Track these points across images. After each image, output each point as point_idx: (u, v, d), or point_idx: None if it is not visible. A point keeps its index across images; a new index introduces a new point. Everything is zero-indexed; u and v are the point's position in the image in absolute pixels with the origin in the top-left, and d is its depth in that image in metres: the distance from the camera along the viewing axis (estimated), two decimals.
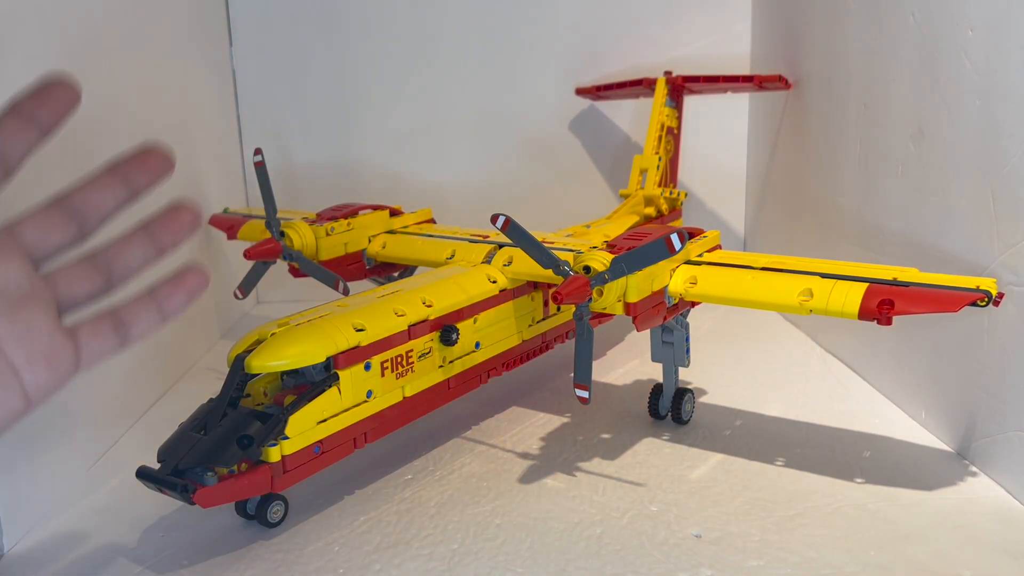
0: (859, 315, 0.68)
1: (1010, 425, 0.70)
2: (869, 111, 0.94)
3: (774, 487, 0.74)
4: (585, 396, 0.72)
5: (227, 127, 1.33)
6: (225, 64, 1.34)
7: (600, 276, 0.70)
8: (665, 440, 0.84)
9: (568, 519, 0.70)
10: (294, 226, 0.96)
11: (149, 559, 0.66)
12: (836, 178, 1.03)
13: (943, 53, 0.78)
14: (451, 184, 1.39)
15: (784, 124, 1.22)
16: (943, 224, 0.79)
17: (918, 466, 0.77)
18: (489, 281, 0.84)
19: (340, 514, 0.72)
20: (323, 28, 1.35)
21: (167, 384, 1.04)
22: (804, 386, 0.97)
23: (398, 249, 0.98)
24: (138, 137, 0.46)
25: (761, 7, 1.30)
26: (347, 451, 0.71)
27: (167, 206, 0.42)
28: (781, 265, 0.76)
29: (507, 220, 0.70)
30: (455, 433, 0.88)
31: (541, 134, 1.39)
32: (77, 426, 0.80)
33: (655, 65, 1.32)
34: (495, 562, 0.64)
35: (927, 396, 0.84)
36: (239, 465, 0.64)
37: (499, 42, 1.35)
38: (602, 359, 1.08)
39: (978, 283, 0.66)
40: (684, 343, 0.85)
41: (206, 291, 0.43)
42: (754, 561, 0.63)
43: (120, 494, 0.76)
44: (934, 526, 0.67)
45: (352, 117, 1.38)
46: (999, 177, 0.70)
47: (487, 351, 0.83)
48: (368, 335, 0.71)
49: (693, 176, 1.39)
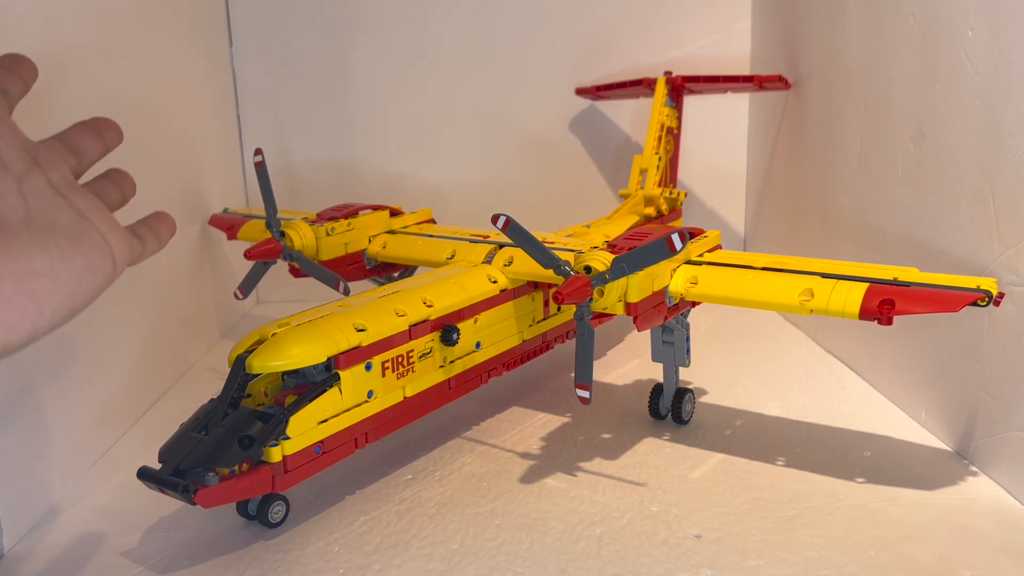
0: (860, 315, 0.68)
1: (1010, 425, 0.70)
2: (869, 111, 0.94)
3: (774, 487, 0.74)
4: (586, 396, 0.72)
5: (227, 127, 1.34)
6: (225, 64, 1.34)
7: (601, 276, 0.70)
8: (665, 440, 0.84)
9: (568, 519, 0.70)
10: (294, 226, 0.96)
11: (149, 559, 0.66)
12: (836, 178, 1.03)
13: (943, 53, 0.78)
14: (451, 184, 1.39)
15: (784, 124, 1.22)
16: (943, 224, 0.79)
17: (918, 466, 0.77)
18: (490, 281, 0.84)
19: (340, 514, 0.72)
20: (323, 28, 1.35)
21: (167, 384, 1.04)
22: (804, 386, 0.98)
23: (398, 249, 0.98)
24: (138, 136, 0.47)
25: (761, 7, 1.30)
26: (348, 451, 0.71)
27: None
28: (781, 265, 0.76)
29: (507, 220, 0.70)
30: (455, 433, 0.88)
31: (541, 134, 1.39)
32: (77, 426, 0.80)
33: (655, 65, 1.32)
34: (495, 562, 0.64)
35: (927, 396, 0.84)
36: (240, 465, 0.64)
37: (499, 42, 1.35)
38: (603, 359, 1.09)
39: (978, 283, 0.66)
40: (684, 343, 0.85)
41: (206, 292, 0.50)
42: (754, 561, 0.63)
43: (120, 494, 0.77)
44: (934, 526, 0.67)
45: (352, 117, 1.38)
46: (999, 177, 0.70)
47: (488, 351, 0.83)
48: (369, 335, 0.71)
49: (693, 176, 1.39)
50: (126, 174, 0.53)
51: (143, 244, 0.50)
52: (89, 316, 0.82)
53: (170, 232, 0.53)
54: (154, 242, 0.52)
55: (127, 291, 0.93)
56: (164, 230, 0.53)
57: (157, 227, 0.52)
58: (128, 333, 0.93)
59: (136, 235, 0.50)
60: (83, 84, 0.82)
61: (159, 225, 0.53)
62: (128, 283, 0.93)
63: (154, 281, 1.01)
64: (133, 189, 0.53)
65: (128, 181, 0.53)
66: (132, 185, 0.53)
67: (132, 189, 0.53)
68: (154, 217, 0.53)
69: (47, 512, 0.73)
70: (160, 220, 0.53)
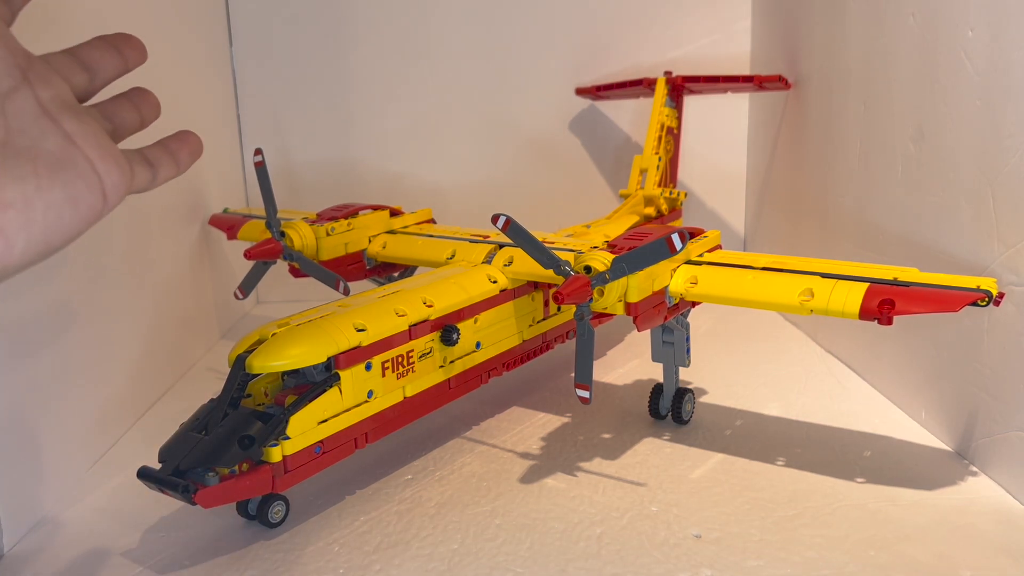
0: (860, 315, 0.68)
1: (1010, 425, 0.70)
2: (869, 111, 0.94)
3: (774, 487, 0.74)
4: (586, 396, 0.72)
5: (227, 127, 1.34)
6: (225, 64, 1.34)
7: (601, 276, 0.70)
8: (665, 440, 0.84)
9: (568, 519, 0.70)
10: (294, 226, 0.96)
11: (149, 559, 0.66)
12: (836, 178, 1.03)
13: (943, 53, 0.78)
14: (451, 184, 1.39)
15: (784, 124, 1.22)
16: (943, 224, 0.79)
17: (918, 466, 0.77)
18: (490, 281, 0.84)
19: (340, 514, 0.72)
20: (323, 28, 1.35)
21: (167, 384, 1.04)
22: (804, 386, 0.98)
23: (398, 249, 0.98)
24: (138, 136, 0.47)
25: (761, 7, 1.30)
26: (348, 451, 0.71)
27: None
28: (781, 265, 0.76)
29: (508, 220, 0.70)
30: (455, 433, 0.88)
31: (541, 134, 1.39)
32: (77, 426, 0.80)
33: (655, 65, 1.32)
34: (495, 562, 0.64)
35: (927, 396, 0.84)
36: (240, 465, 0.64)
37: (499, 42, 1.35)
38: (602, 359, 1.09)
39: (978, 283, 0.66)
40: (684, 343, 0.85)
41: (206, 292, 0.47)
42: (754, 561, 0.63)
43: (120, 494, 0.77)
44: (934, 526, 0.67)
45: (352, 117, 1.38)
46: (999, 177, 0.70)
47: (488, 351, 0.83)
48: (369, 335, 0.71)
49: (693, 176, 1.39)
50: (149, 93, 0.47)
51: (154, 169, 0.44)
52: (90, 316, 0.83)
53: (192, 155, 0.47)
54: (170, 166, 0.45)
55: (127, 291, 0.93)
56: (184, 152, 0.47)
57: (176, 148, 0.46)
58: (128, 333, 0.93)
59: (147, 160, 0.44)
60: None
61: (178, 146, 0.46)
62: (129, 283, 0.93)
63: (154, 281, 1.01)
64: (156, 111, 0.47)
65: (150, 101, 0.47)
66: (155, 106, 0.47)
67: (154, 111, 0.47)
68: (174, 137, 0.47)
69: (47, 512, 0.73)
70: (181, 140, 0.47)
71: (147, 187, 0.44)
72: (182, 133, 0.47)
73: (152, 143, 0.45)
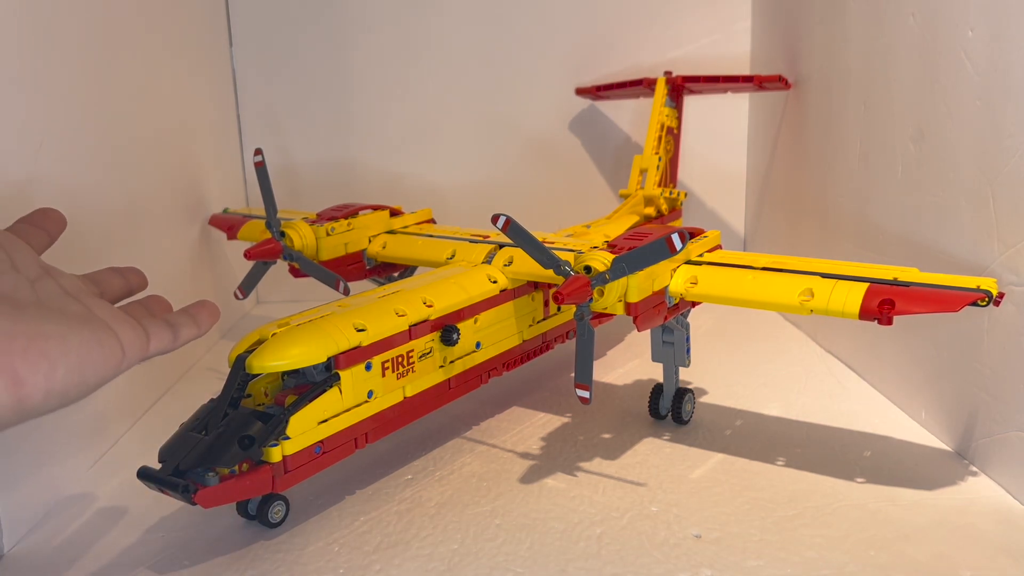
0: (860, 315, 0.68)
1: (1010, 425, 0.70)
2: (869, 111, 0.94)
3: (774, 487, 0.74)
4: (586, 396, 0.72)
5: (227, 127, 1.34)
6: (225, 64, 1.34)
7: (601, 276, 0.70)
8: (665, 440, 0.84)
9: (568, 519, 0.70)
10: (294, 226, 0.96)
11: (149, 559, 0.66)
12: (836, 178, 1.03)
13: (943, 53, 0.78)
14: (451, 184, 1.39)
15: (784, 124, 1.22)
16: (943, 224, 0.79)
17: (918, 466, 0.77)
18: (490, 281, 0.84)
19: (340, 514, 0.72)
20: (323, 28, 1.35)
21: (167, 384, 1.04)
22: (804, 386, 0.98)
23: (398, 249, 0.99)
24: (138, 137, 0.47)
25: (761, 7, 1.30)
26: (348, 451, 0.71)
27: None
28: (781, 265, 0.76)
29: (507, 220, 0.70)
30: (455, 433, 0.88)
31: (541, 134, 1.39)
32: (77, 426, 0.80)
33: (655, 65, 1.32)
34: (495, 562, 0.64)
35: (927, 396, 0.84)
36: (240, 465, 0.64)
37: (499, 42, 1.35)
38: (602, 359, 1.09)
39: (978, 283, 0.66)
40: (684, 343, 0.85)
41: (206, 292, 0.53)
42: (754, 561, 0.63)
43: (120, 494, 0.77)
44: (934, 526, 0.67)
45: (352, 117, 1.38)
46: (999, 177, 0.70)
47: (488, 351, 0.83)
48: (369, 335, 0.71)
49: (693, 176, 1.39)
50: (138, 271, 0.57)
51: (175, 330, 0.52)
52: None
53: (211, 317, 0.55)
54: (191, 327, 0.53)
55: None
56: (203, 315, 0.55)
57: (196, 312, 0.54)
58: None
59: (167, 323, 0.52)
60: (83, 84, 0.82)
61: (198, 311, 0.55)
62: None
63: (154, 281, 1.00)
64: (142, 283, 0.57)
65: (138, 275, 0.57)
66: (141, 279, 0.57)
67: (141, 283, 0.57)
68: (196, 304, 0.55)
69: (47, 512, 0.73)
70: (200, 306, 0.55)
71: (169, 346, 0.52)
72: (202, 301, 0.56)
73: (176, 310, 0.55)
